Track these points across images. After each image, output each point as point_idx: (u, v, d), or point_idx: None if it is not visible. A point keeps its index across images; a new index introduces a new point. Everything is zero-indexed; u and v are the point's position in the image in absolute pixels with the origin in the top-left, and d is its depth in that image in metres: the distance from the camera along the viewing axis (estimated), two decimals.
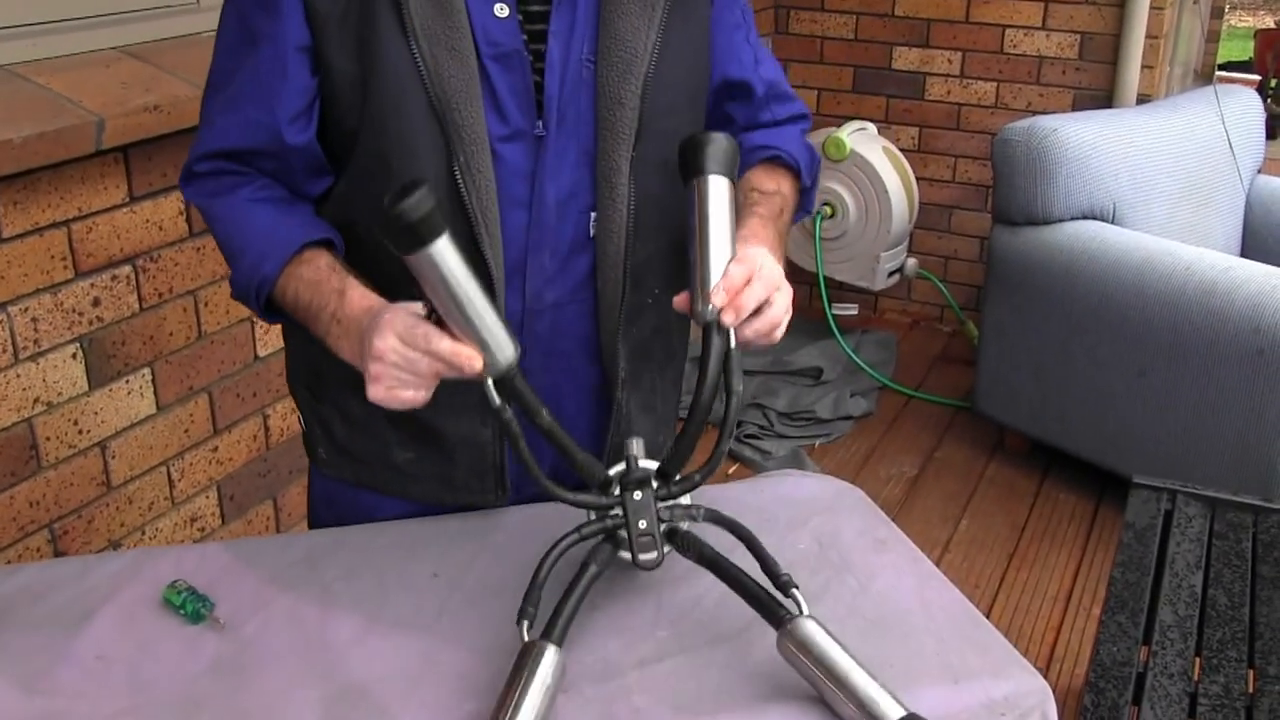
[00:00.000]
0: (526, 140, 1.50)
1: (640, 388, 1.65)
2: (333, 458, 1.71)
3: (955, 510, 3.80)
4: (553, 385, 1.60)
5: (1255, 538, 2.46)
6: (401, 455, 1.62)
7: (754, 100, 1.70)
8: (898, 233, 4.64)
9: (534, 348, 1.57)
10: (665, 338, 1.67)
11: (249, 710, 1.29)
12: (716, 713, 1.27)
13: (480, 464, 1.61)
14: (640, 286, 1.58)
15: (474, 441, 1.59)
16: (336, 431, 1.68)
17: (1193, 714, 1.98)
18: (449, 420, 1.58)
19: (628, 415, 1.64)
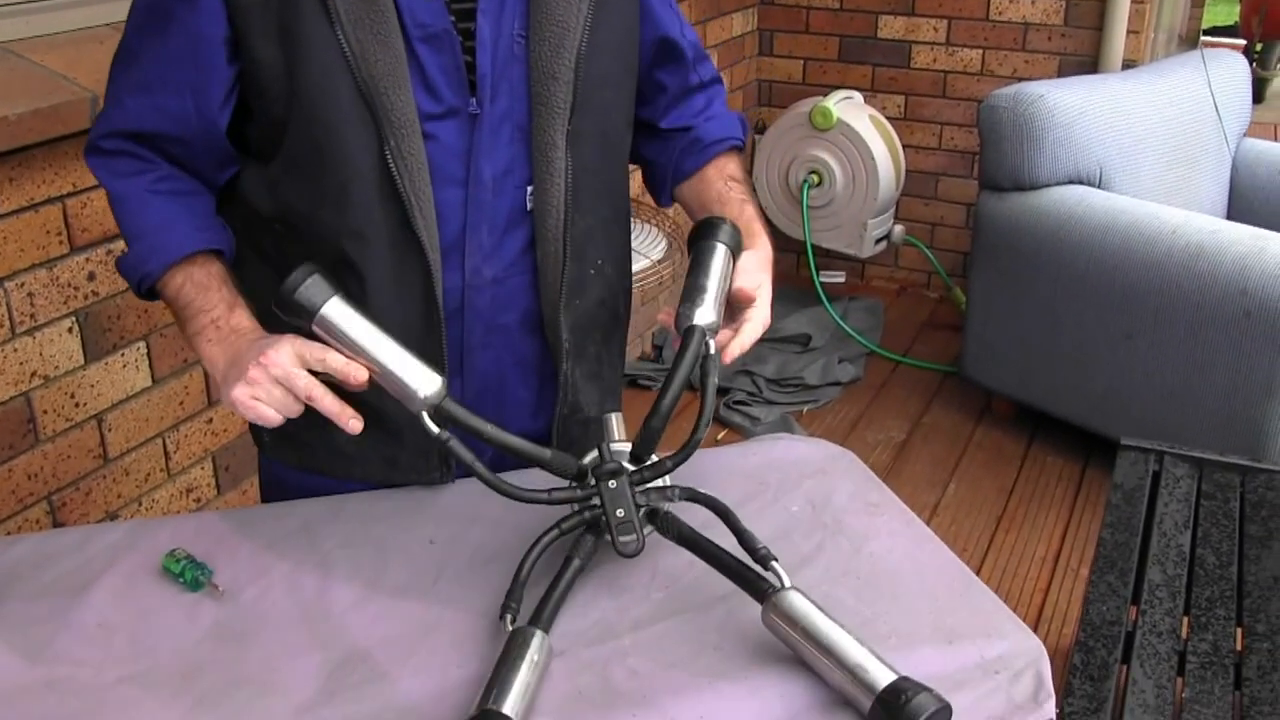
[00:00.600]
0: (460, 118, 1.50)
1: (585, 358, 1.66)
2: (277, 443, 1.71)
3: (943, 474, 3.83)
4: (495, 360, 1.62)
5: (1243, 497, 2.48)
6: (344, 438, 1.62)
7: (684, 62, 1.72)
8: (885, 200, 4.65)
9: (475, 323, 1.59)
10: (610, 308, 1.68)
11: (250, 674, 1.30)
12: (712, 674, 1.28)
13: (424, 444, 1.60)
14: (581, 258, 1.59)
15: (418, 423, 1.60)
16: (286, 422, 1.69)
17: (1181, 672, 2.00)
18: (391, 402, 1.58)
19: (573, 386, 1.65)
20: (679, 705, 1.23)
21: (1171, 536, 2.35)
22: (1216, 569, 2.26)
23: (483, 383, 1.62)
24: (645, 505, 1.40)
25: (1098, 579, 2.22)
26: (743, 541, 1.35)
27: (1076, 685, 1.95)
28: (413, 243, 1.50)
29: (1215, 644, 2.05)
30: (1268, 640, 2.04)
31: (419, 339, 1.54)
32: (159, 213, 1.52)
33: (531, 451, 1.41)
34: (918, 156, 4.93)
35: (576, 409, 1.66)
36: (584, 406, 1.67)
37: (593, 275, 1.62)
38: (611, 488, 1.38)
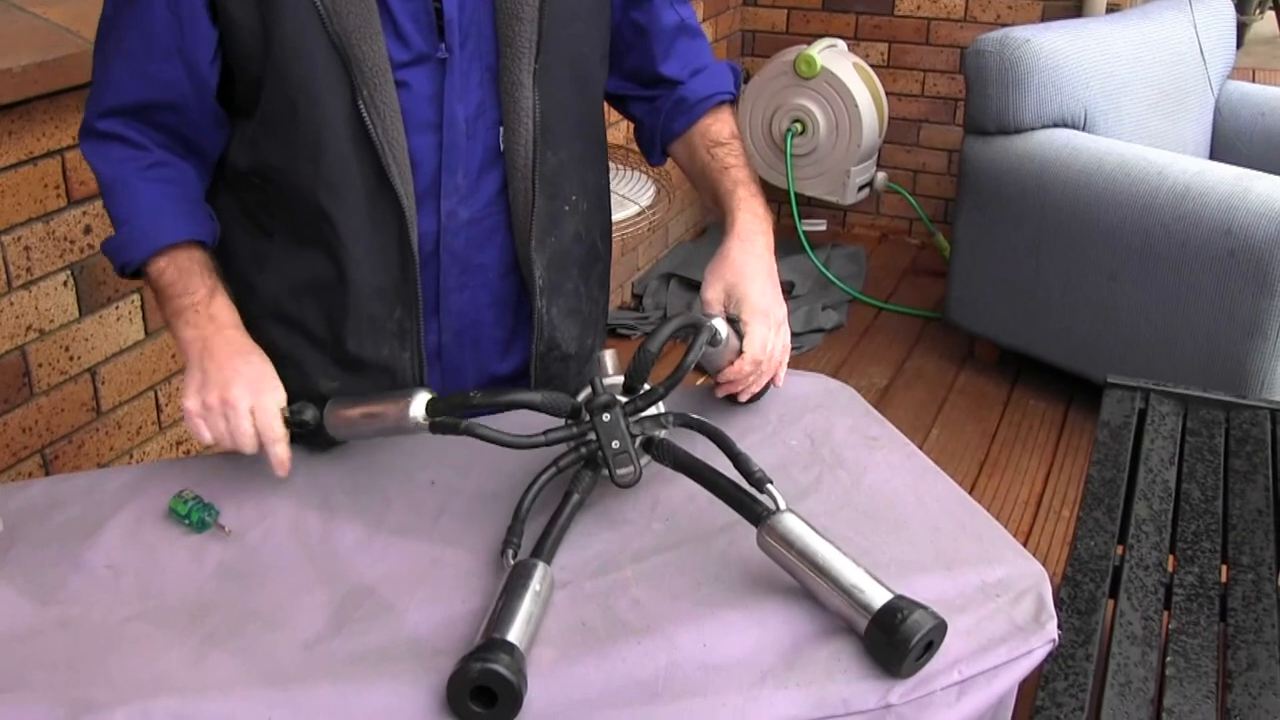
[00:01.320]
0: (430, 64, 1.52)
1: (562, 294, 1.68)
2: None
3: (926, 419, 3.85)
4: (471, 301, 1.64)
5: (1228, 433, 2.51)
6: (327, 385, 1.64)
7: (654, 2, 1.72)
8: (868, 147, 4.66)
9: (451, 265, 1.61)
10: (586, 243, 1.70)
11: (259, 610, 1.32)
12: (714, 602, 1.30)
13: (401, 387, 1.63)
14: (554, 195, 1.61)
15: (394, 366, 1.62)
16: None
17: (1168, 604, 2.03)
18: (368, 348, 1.61)
19: (549, 323, 1.67)
20: (682, 633, 1.26)
21: (1158, 472, 2.38)
22: (1202, 504, 2.29)
23: (459, 323, 1.65)
24: (640, 435, 1.42)
25: (1085, 515, 2.25)
26: (738, 465, 1.37)
27: (1064, 619, 1.97)
28: (387, 191, 1.52)
29: (1201, 577, 2.08)
30: (1252, 572, 2.07)
31: (395, 286, 1.57)
32: (147, 199, 1.54)
33: (523, 398, 1.44)
34: (901, 104, 4.94)
35: (554, 345, 1.69)
36: (562, 343, 1.69)
37: (567, 212, 1.64)
38: (605, 420, 1.40)
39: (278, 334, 1.65)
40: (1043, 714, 1.76)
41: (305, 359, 1.65)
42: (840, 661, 1.22)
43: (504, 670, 1.13)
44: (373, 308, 1.59)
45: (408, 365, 1.63)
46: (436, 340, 1.63)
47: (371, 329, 1.60)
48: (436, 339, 1.63)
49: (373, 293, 1.58)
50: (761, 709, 1.17)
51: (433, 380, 1.67)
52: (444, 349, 1.64)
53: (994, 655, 1.23)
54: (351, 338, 1.59)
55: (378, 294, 1.58)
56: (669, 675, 1.21)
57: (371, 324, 1.59)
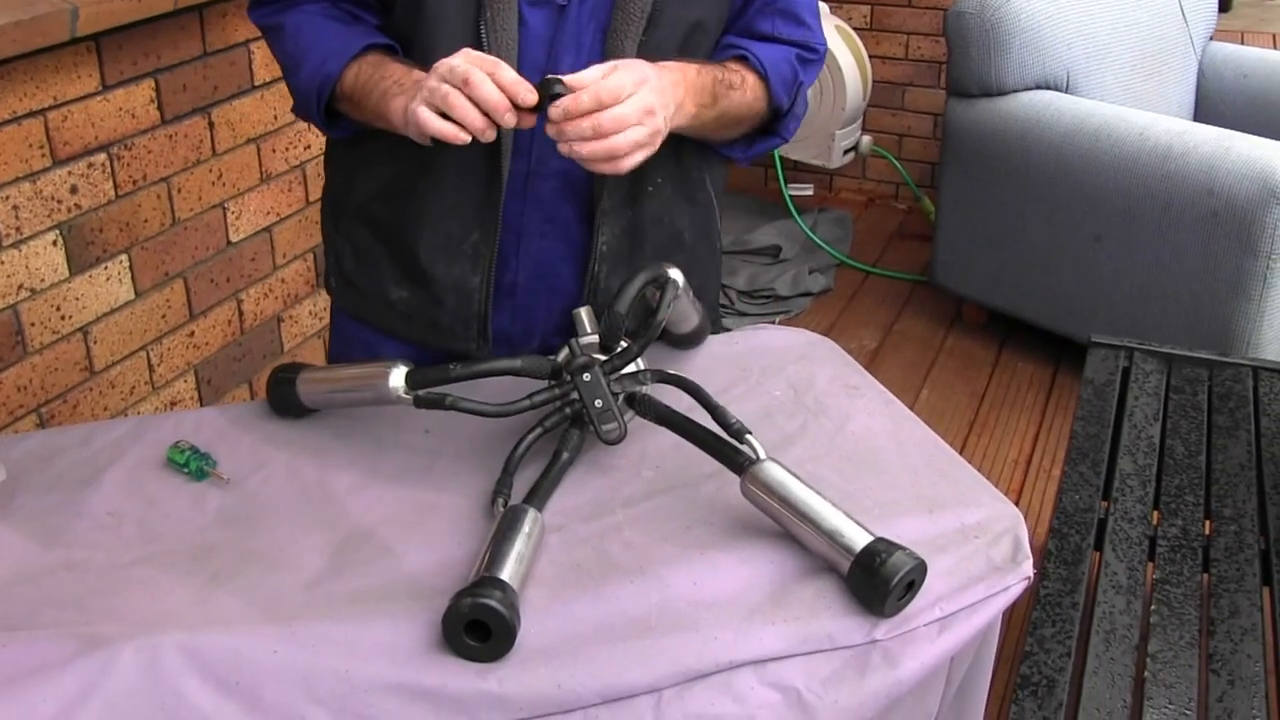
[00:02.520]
0: (551, 8, 1.54)
1: (631, 269, 1.64)
2: (341, 288, 1.79)
3: (915, 381, 3.89)
4: (551, 249, 1.66)
5: (1210, 390, 2.55)
6: (397, 293, 1.68)
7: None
8: (852, 110, 4.68)
9: (535, 211, 1.63)
10: (670, 230, 1.70)
11: (260, 552, 1.35)
12: (703, 545, 1.33)
13: (466, 310, 1.67)
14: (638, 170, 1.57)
15: (463, 288, 1.65)
16: (346, 262, 1.76)
17: (1152, 556, 2.06)
18: (439, 263, 1.64)
19: (605, 290, 1.67)
20: (673, 574, 1.29)
21: (1142, 428, 2.41)
22: (1185, 458, 2.32)
23: (535, 269, 1.67)
24: (621, 392, 1.45)
25: (1070, 470, 2.28)
26: (716, 417, 1.40)
27: (1051, 569, 2.01)
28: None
29: (1184, 529, 2.11)
30: (1234, 524, 2.11)
31: (476, 208, 1.60)
32: (329, 28, 1.59)
33: (502, 365, 1.47)
34: (884, 67, 4.95)
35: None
36: None
37: (650, 192, 1.65)
38: (586, 380, 1.43)
39: (362, 234, 1.70)
40: (1031, 659, 1.80)
41: (381, 262, 1.69)
42: (825, 599, 1.26)
43: (496, 605, 1.16)
44: (450, 224, 1.62)
45: (476, 289, 1.65)
46: (514, 279, 1.66)
47: (446, 246, 1.63)
48: (514, 277, 1.66)
49: (452, 209, 1.61)
50: (750, 643, 1.21)
51: (502, 316, 1.68)
52: (519, 288, 1.67)
53: (973, 593, 1.27)
54: (425, 249, 1.63)
55: (457, 211, 1.61)
56: (661, 611, 1.24)
57: (447, 240, 1.62)
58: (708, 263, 1.81)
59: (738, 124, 1.65)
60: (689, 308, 1.62)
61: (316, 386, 1.58)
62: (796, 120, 1.74)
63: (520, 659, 1.19)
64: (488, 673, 1.17)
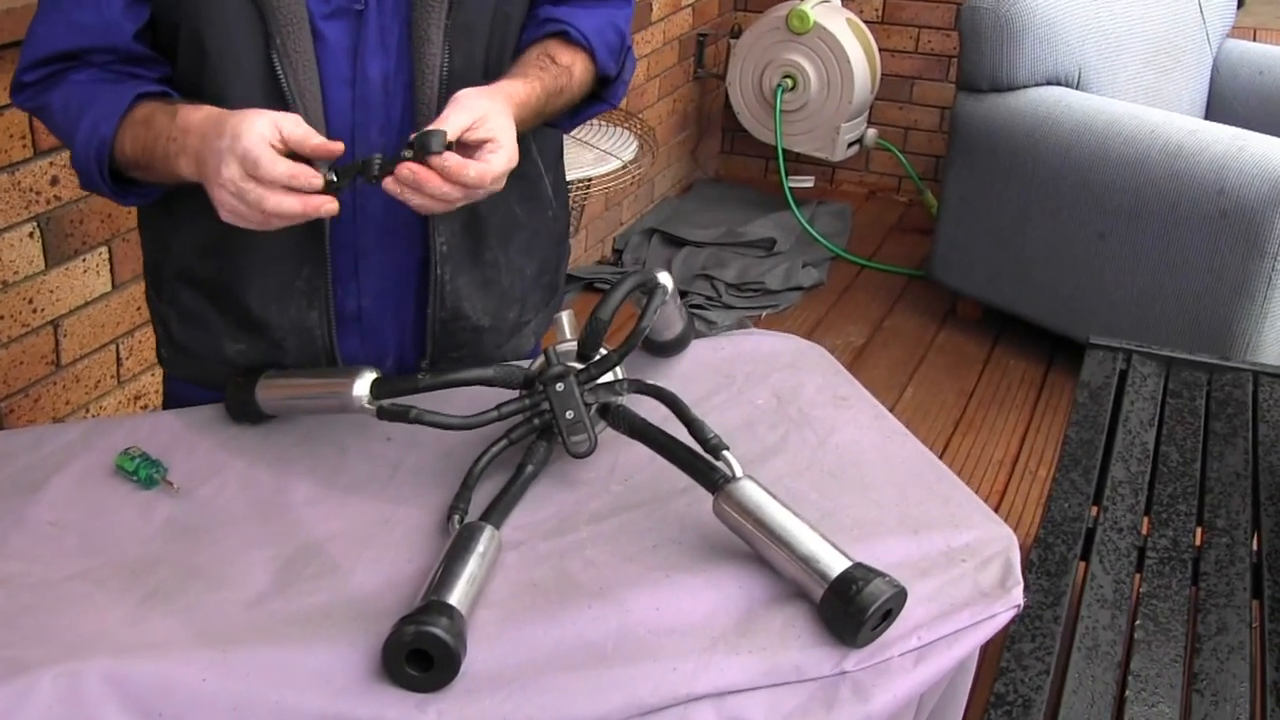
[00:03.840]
0: (348, 17, 1.45)
1: (477, 262, 1.60)
2: (172, 356, 1.69)
3: (901, 378, 3.82)
4: (392, 262, 1.58)
5: (1209, 395, 2.48)
6: (233, 348, 1.59)
7: None
8: (859, 104, 4.61)
9: (369, 226, 1.54)
10: (505, 210, 1.61)
11: (202, 568, 1.29)
12: (669, 566, 1.27)
13: (310, 348, 1.58)
14: None
15: (301, 327, 1.56)
16: (173, 328, 1.65)
17: (1140, 568, 2.01)
18: (273, 309, 1.55)
19: (454, 292, 1.59)
20: (635, 597, 1.22)
21: (1136, 434, 2.35)
22: (1180, 466, 2.26)
23: (380, 285, 1.58)
24: (595, 402, 1.39)
25: (1061, 477, 2.22)
26: (693, 431, 1.33)
27: (1033, 580, 1.95)
28: None
29: (1175, 540, 2.05)
30: (1226, 535, 2.05)
31: (302, 248, 1.52)
32: (97, 91, 1.46)
33: (473, 375, 1.40)
34: (894, 60, 4.88)
35: (459, 315, 1.61)
36: (470, 314, 1.61)
37: None
38: (559, 390, 1.36)
39: (187, 296, 1.60)
40: (1007, 676, 1.74)
41: (211, 322, 1.60)
42: (795, 628, 1.19)
43: (441, 633, 1.09)
44: (279, 268, 1.53)
45: (317, 325, 1.56)
46: (356, 304, 1.58)
47: (278, 289, 1.54)
48: (356, 302, 1.58)
49: (279, 253, 1.52)
50: (712, 675, 1.14)
51: (350, 344, 1.61)
52: (364, 312, 1.59)
53: (955, 620, 1.20)
54: (256, 298, 1.54)
55: (284, 253, 1.52)
56: (619, 638, 1.18)
57: (279, 284, 1.54)
58: (546, 238, 1.71)
59: (559, 112, 1.57)
60: (674, 314, 1.55)
61: (276, 393, 1.51)
62: (624, 85, 1.64)
63: (464, 689, 1.13)
64: (427, 704, 1.11)
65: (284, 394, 1.50)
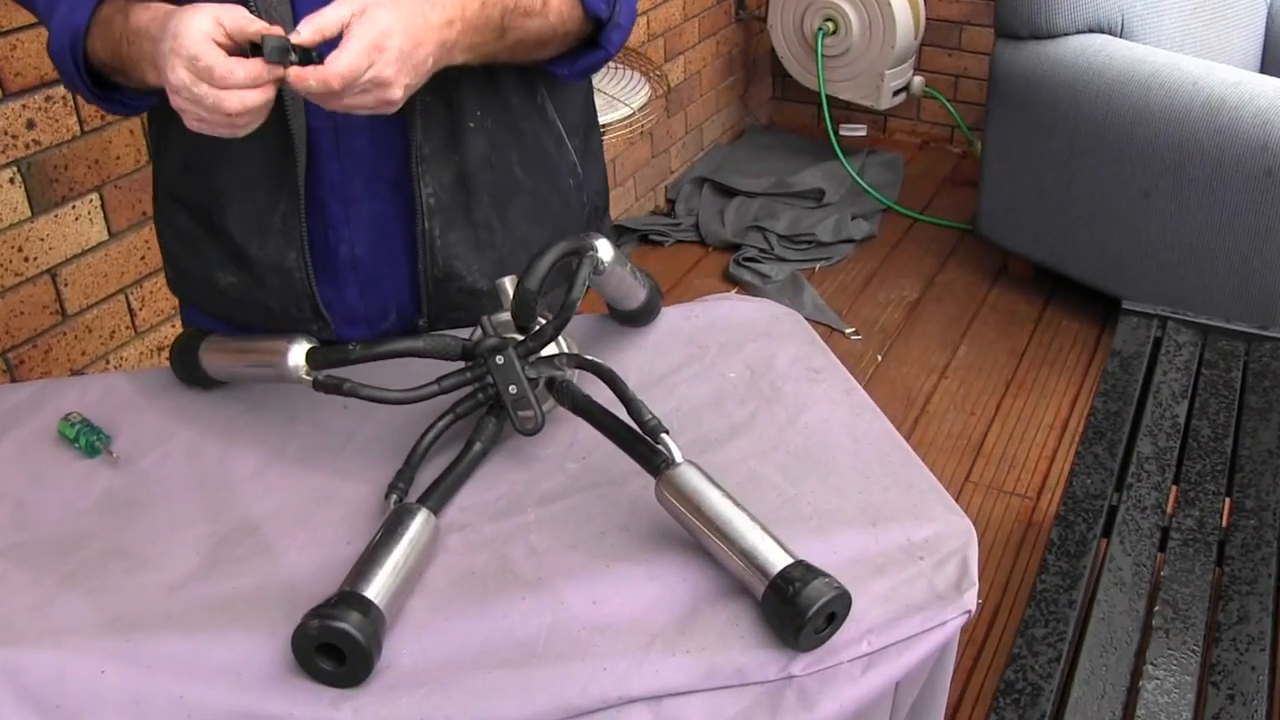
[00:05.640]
0: None
1: (468, 221, 1.51)
2: (176, 278, 1.63)
3: (954, 335, 3.71)
4: (384, 211, 1.49)
5: (1246, 366, 2.36)
6: (225, 279, 1.52)
7: None
8: (902, 50, 4.47)
9: (356, 170, 1.46)
10: (501, 170, 1.51)
11: (129, 547, 1.23)
12: (613, 555, 1.19)
13: (291, 291, 1.50)
14: (455, 107, 1.44)
15: (282, 266, 1.48)
16: (173, 248, 1.59)
17: (1163, 548, 1.91)
18: (254, 242, 1.47)
19: (445, 249, 1.50)
20: (573, 589, 1.14)
21: (1167, 407, 2.24)
22: (1211, 442, 2.15)
23: (375, 236, 1.50)
24: (539, 376, 1.30)
25: (1084, 451, 2.12)
26: (631, 411, 1.24)
27: (1051, 561, 1.86)
28: None
29: (1201, 520, 1.95)
30: (1254, 517, 1.94)
31: (279, 180, 1.44)
32: None
33: (404, 346, 1.32)
34: (941, 4, 4.72)
35: (453, 275, 1.52)
36: (465, 274, 1.53)
37: (471, 129, 1.47)
38: (500, 363, 1.28)
39: (180, 216, 1.54)
40: (1018, 662, 1.67)
41: (203, 246, 1.53)
42: (739, 627, 1.10)
43: (351, 628, 1.02)
44: (256, 197, 1.45)
45: (296, 267, 1.49)
46: (351, 250, 1.50)
47: (257, 221, 1.46)
48: (351, 249, 1.50)
49: (256, 180, 1.45)
50: (646, 676, 1.06)
51: (350, 292, 1.54)
52: (360, 261, 1.51)
53: (907, 625, 1.11)
54: (236, 227, 1.46)
55: (261, 181, 1.45)
56: (551, 634, 1.10)
57: (257, 215, 1.46)
58: (565, 207, 1.61)
59: (542, 47, 1.43)
60: (630, 281, 1.46)
61: (219, 358, 1.44)
62: (622, 30, 1.50)
63: (384, 685, 1.06)
64: (342, 701, 1.04)
65: (227, 360, 1.44)
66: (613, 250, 1.36)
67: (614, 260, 1.36)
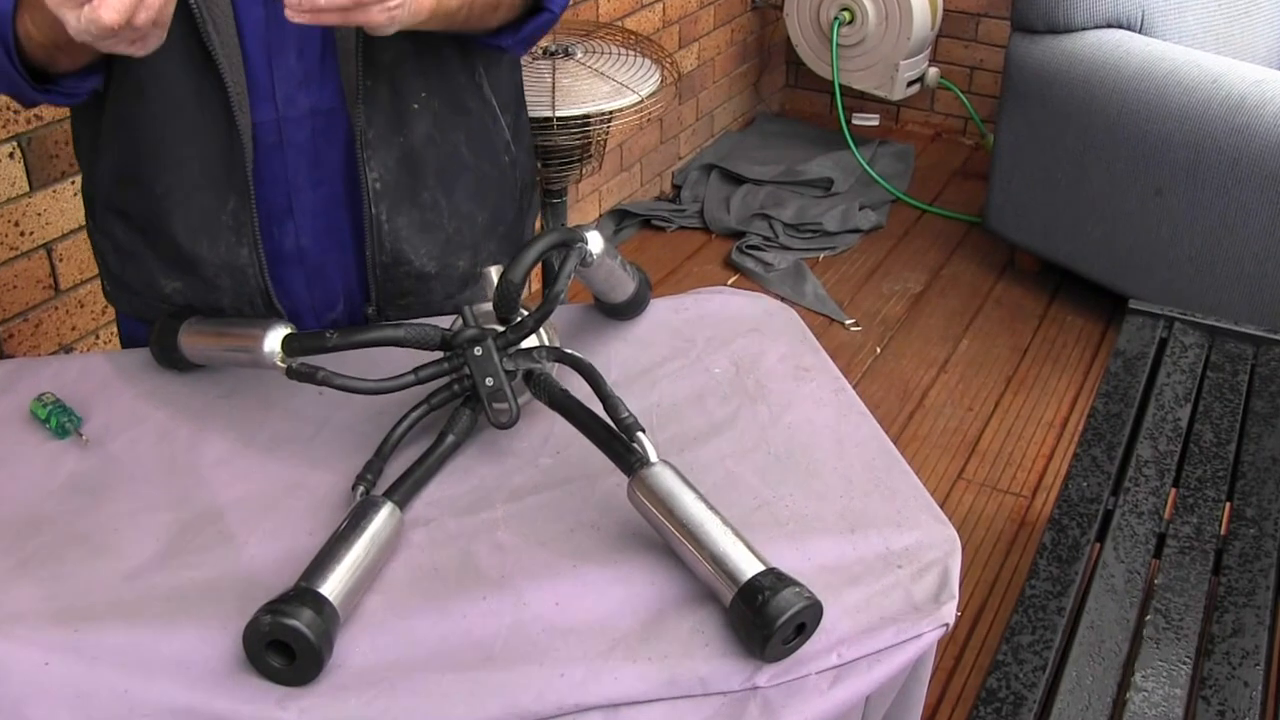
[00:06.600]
0: None
1: (415, 203, 1.48)
2: (114, 289, 1.60)
3: (957, 329, 3.67)
4: (329, 198, 1.47)
5: (1253, 370, 2.32)
6: (169, 285, 1.49)
7: None
8: (918, 40, 4.42)
9: (299, 159, 1.43)
10: (447, 150, 1.49)
11: (89, 533, 1.20)
12: (580, 555, 1.16)
13: (244, 289, 1.48)
14: (398, 89, 1.42)
15: (233, 265, 1.46)
16: (110, 261, 1.56)
17: (1158, 555, 1.87)
18: (202, 243, 1.44)
19: (392, 233, 1.48)
20: (536, 589, 1.12)
21: (1169, 410, 2.20)
22: (1213, 447, 2.11)
23: (317, 224, 1.48)
24: (517, 369, 1.27)
25: (1082, 453, 2.08)
26: (608, 408, 1.21)
27: (1042, 567, 1.82)
28: (210, 65, 1.34)
29: (1199, 527, 1.91)
30: (1255, 526, 1.90)
31: (225, 175, 1.41)
32: None
33: (385, 335, 1.28)
34: None
35: (401, 259, 1.50)
36: (412, 258, 1.50)
37: (416, 110, 1.44)
38: (478, 355, 1.25)
39: (118, 228, 1.51)
40: (1002, 670, 1.63)
41: (145, 256, 1.50)
42: (704, 634, 1.07)
43: (302, 626, 1.00)
44: (201, 197, 1.43)
45: (249, 263, 1.46)
46: (296, 242, 1.48)
47: (204, 222, 1.44)
48: (296, 240, 1.48)
49: (200, 179, 1.42)
50: (604, 684, 1.03)
51: (296, 285, 1.51)
52: (306, 252, 1.48)
53: (880, 637, 1.07)
54: (182, 231, 1.44)
55: (206, 180, 1.42)
56: (510, 636, 1.07)
57: (203, 216, 1.44)
58: (501, 185, 1.58)
59: (493, 10, 1.39)
60: (619, 274, 1.43)
61: (197, 341, 1.42)
62: None
63: (333, 684, 1.03)
64: (289, 701, 1.01)
65: (205, 344, 1.41)
66: (602, 242, 1.33)
67: (603, 252, 1.33)
